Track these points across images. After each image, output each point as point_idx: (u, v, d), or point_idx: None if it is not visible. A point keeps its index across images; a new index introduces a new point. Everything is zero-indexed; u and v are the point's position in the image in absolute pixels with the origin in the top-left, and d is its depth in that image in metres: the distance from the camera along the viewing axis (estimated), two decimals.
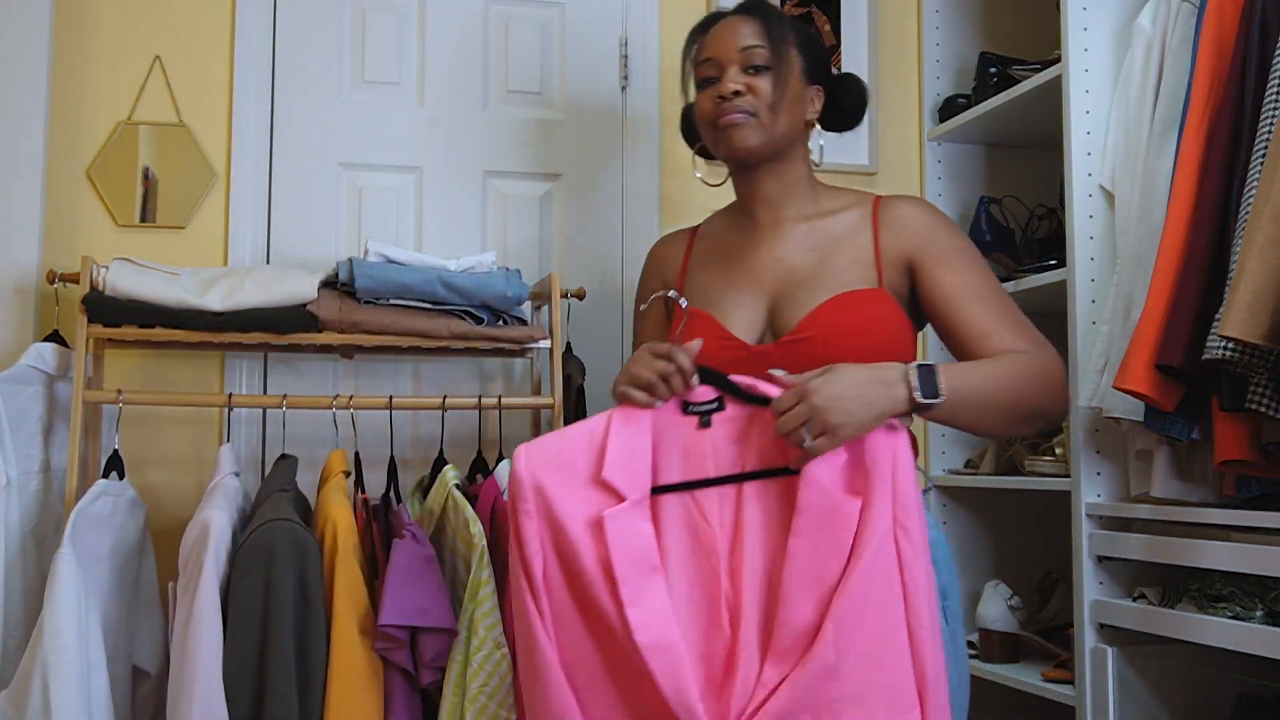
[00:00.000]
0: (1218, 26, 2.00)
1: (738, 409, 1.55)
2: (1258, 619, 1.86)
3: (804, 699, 1.41)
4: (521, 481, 1.53)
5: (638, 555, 1.47)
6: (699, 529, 1.52)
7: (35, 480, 2.22)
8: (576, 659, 1.49)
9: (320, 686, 2.01)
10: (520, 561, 1.53)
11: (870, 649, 1.43)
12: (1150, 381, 1.91)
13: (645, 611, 1.45)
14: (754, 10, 1.80)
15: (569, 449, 1.54)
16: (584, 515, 1.49)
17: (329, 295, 2.31)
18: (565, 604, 1.50)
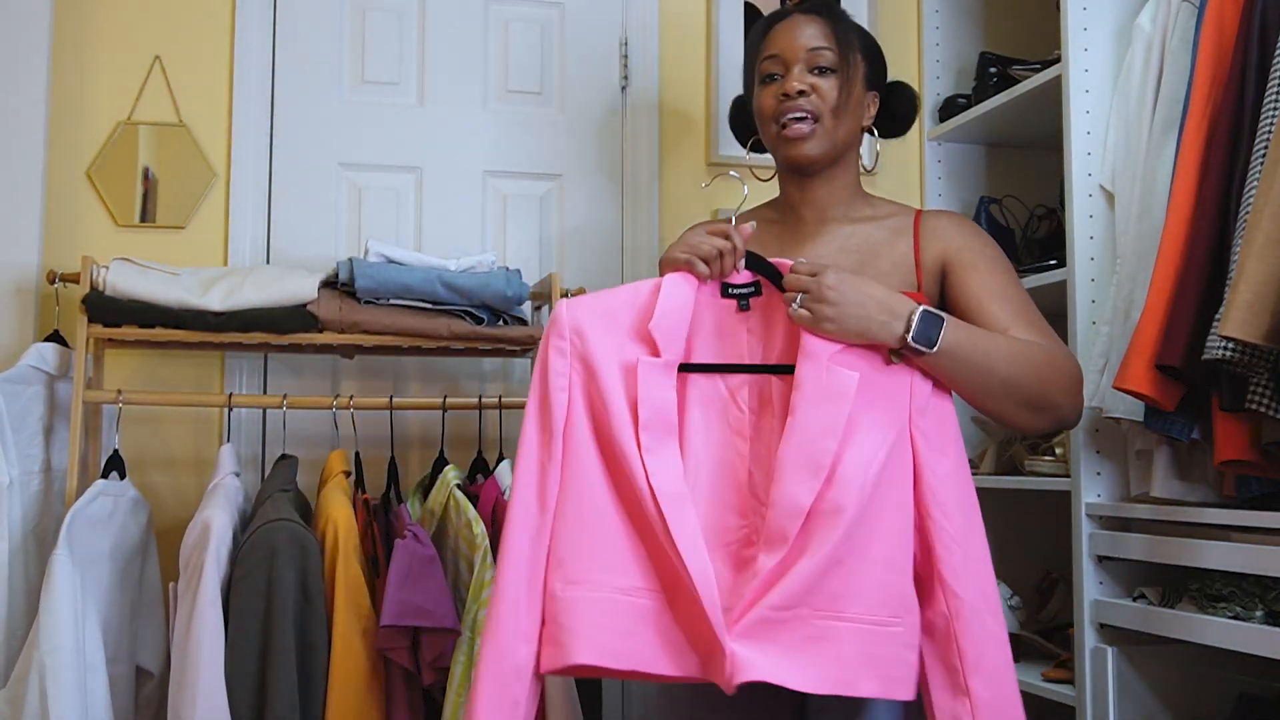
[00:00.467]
0: (1218, 26, 2.00)
1: (775, 295, 1.56)
2: (1258, 619, 1.86)
3: (807, 590, 1.40)
4: (560, 320, 1.52)
5: (661, 411, 1.47)
6: (729, 412, 1.53)
7: (36, 480, 2.21)
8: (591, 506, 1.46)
9: (321, 686, 2.01)
10: (540, 398, 1.50)
11: (875, 548, 1.43)
12: (1150, 381, 1.91)
13: (661, 464, 1.44)
14: (823, 10, 1.79)
15: (614, 304, 1.54)
16: (619, 360, 1.49)
17: (329, 295, 2.31)
18: (587, 449, 1.48)
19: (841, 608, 1.41)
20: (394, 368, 2.68)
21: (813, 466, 1.42)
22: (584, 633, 1.42)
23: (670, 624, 1.43)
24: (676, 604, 1.43)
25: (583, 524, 1.46)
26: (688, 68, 2.89)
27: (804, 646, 1.41)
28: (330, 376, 2.64)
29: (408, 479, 2.49)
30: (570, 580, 1.44)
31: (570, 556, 1.45)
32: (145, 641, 2.19)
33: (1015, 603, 2.51)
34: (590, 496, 1.46)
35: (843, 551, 1.41)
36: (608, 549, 1.45)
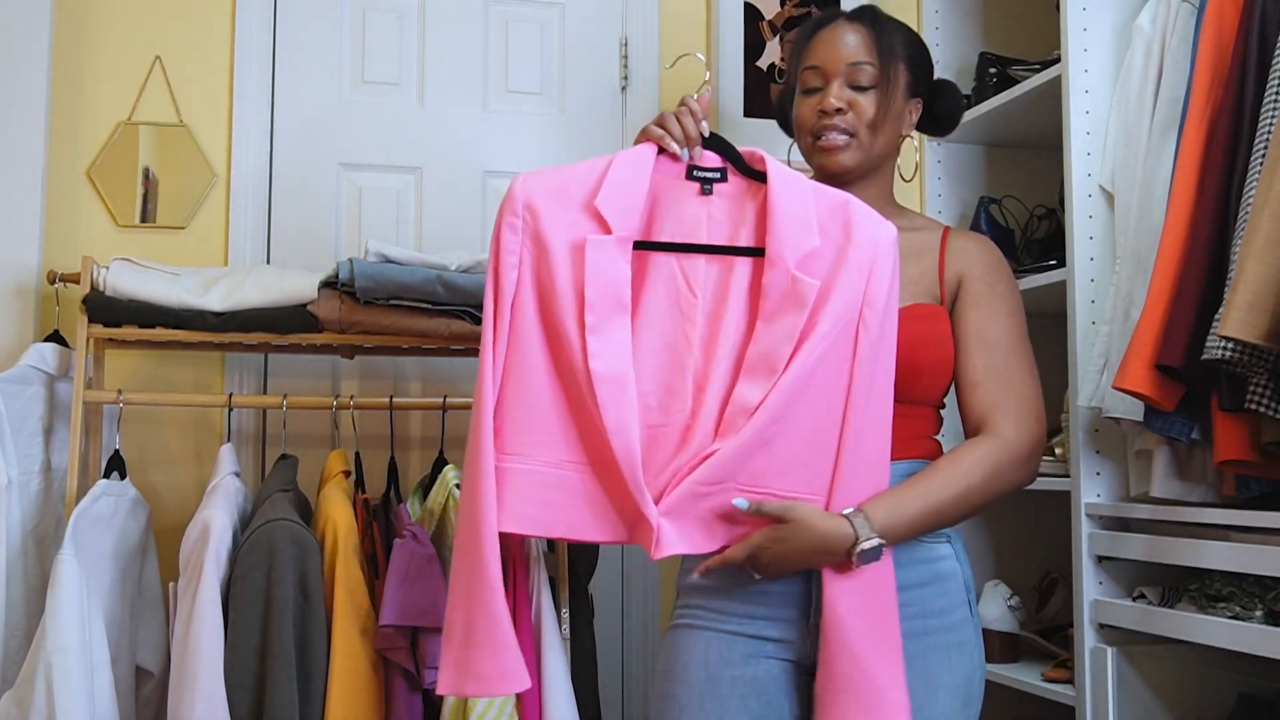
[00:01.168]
0: (1218, 26, 2.00)
1: (740, 184, 1.57)
2: (1258, 619, 1.86)
3: (734, 467, 1.48)
4: (514, 198, 1.54)
5: (610, 289, 1.49)
6: (681, 294, 1.55)
7: (36, 480, 2.22)
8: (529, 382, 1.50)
9: (321, 686, 2.01)
10: (493, 274, 1.53)
11: (805, 429, 1.50)
12: (1150, 381, 1.91)
13: (605, 343, 1.48)
14: (867, 20, 1.76)
15: (567, 179, 1.55)
16: (568, 238, 1.51)
17: (329, 295, 2.31)
18: (531, 325, 1.51)
19: (765, 483, 1.49)
20: (394, 368, 2.68)
21: (769, 369, 1.48)
22: (512, 505, 1.49)
23: (598, 494, 1.49)
24: (605, 478, 1.49)
25: (520, 398, 1.50)
26: (688, 68, 2.88)
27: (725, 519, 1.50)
28: (330, 376, 2.64)
29: (408, 479, 2.49)
30: (506, 451, 1.50)
31: (506, 429, 1.50)
32: (145, 641, 2.19)
33: (1015, 603, 2.51)
34: (529, 372, 1.50)
35: (771, 434, 1.48)
36: (541, 424, 1.50)
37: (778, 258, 1.51)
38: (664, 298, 1.54)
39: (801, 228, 1.53)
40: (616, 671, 2.75)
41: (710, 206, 1.57)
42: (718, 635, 1.66)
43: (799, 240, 1.52)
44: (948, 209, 2.87)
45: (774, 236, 1.52)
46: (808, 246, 1.52)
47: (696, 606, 1.69)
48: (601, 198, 1.51)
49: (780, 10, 2.96)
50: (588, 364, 1.46)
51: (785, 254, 1.51)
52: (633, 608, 2.78)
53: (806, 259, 1.51)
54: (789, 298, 1.50)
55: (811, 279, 1.50)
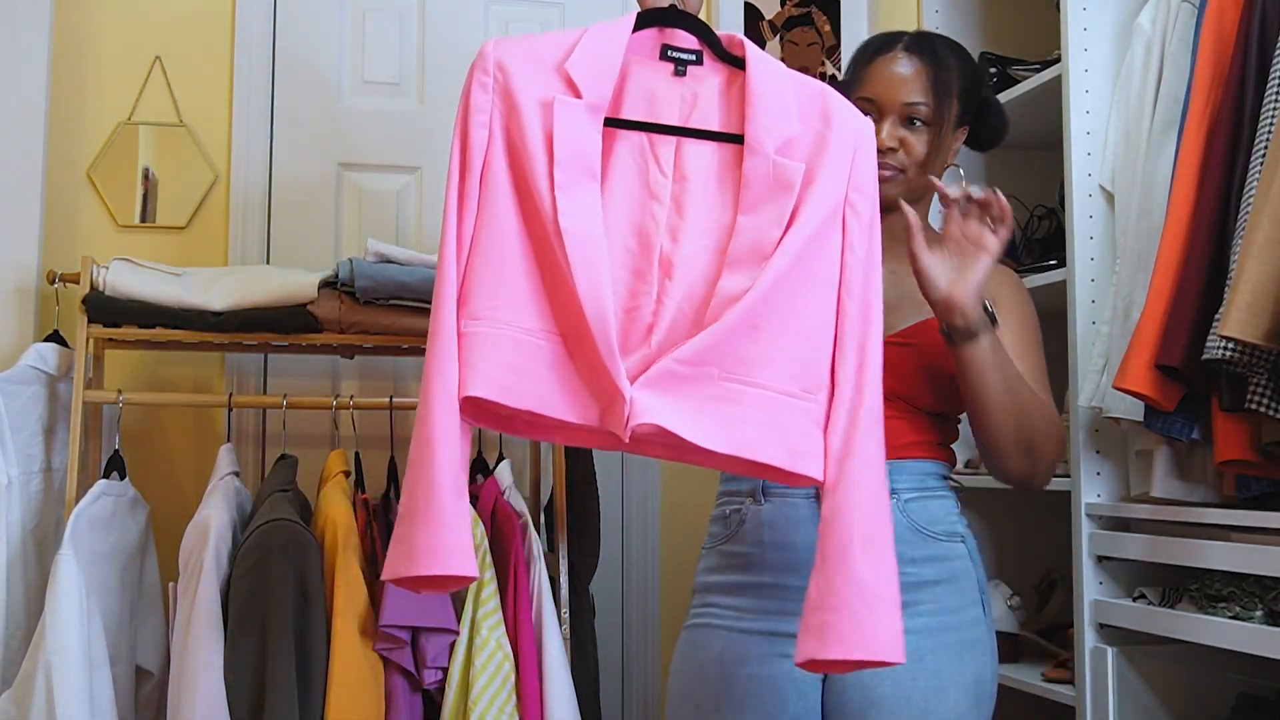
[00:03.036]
0: (1218, 26, 2.00)
1: (716, 68, 1.52)
2: (1258, 619, 1.86)
3: (718, 350, 1.39)
4: (485, 55, 1.49)
5: (579, 154, 1.43)
6: (650, 174, 1.48)
7: (36, 480, 2.22)
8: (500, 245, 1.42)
9: (320, 686, 2.01)
10: (460, 134, 1.47)
11: (795, 319, 1.42)
12: (1150, 381, 1.91)
13: (575, 203, 1.40)
14: (924, 54, 1.75)
15: (540, 43, 1.50)
16: (538, 97, 1.45)
17: (329, 295, 2.31)
18: (502, 186, 1.43)
19: (752, 373, 1.39)
20: (394, 368, 2.68)
21: (758, 258, 1.41)
22: (480, 367, 1.37)
23: (570, 368, 1.39)
24: (578, 350, 1.40)
25: (489, 262, 1.42)
26: None
27: (709, 405, 1.38)
28: (330, 376, 2.64)
29: None
30: (473, 316, 1.40)
31: (475, 294, 1.41)
32: (145, 641, 2.19)
33: (1015, 603, 2.51)
34: (500, 234, 1.42)
35: (759, 318, 1.40)
36: (512, 288, 1.41)
37: (758, 144, 1.45)
38: (632, 177, 1.47)
39: (781, 114, 1.47)
40: (616, 671, 2.75)
41: (683, 88, 1.51)
42: (734, 633, 1.65)
43: (779, 126, 1.46)
44: None
45: (753, 122, 1.46)
46: (788, 132, 1.46)
47: (712, 605, 1.69)
48: (572, 62, 1.45)
49: (780, 10, 2.96)
50: (558, 221, 1.38)
51: (765, 140, 1.45)
52: (633, 608, 2.77)
53: (786, 145, 1.46)
54: (772, 184, 1.44)
55: (794, 162, 1.45)
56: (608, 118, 1.46)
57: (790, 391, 1.41)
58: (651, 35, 1.51)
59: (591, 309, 1.36)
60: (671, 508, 2.86)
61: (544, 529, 2.44)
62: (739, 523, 1.68)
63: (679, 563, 2.81)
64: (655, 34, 1.52)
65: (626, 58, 1.49)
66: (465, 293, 1.41)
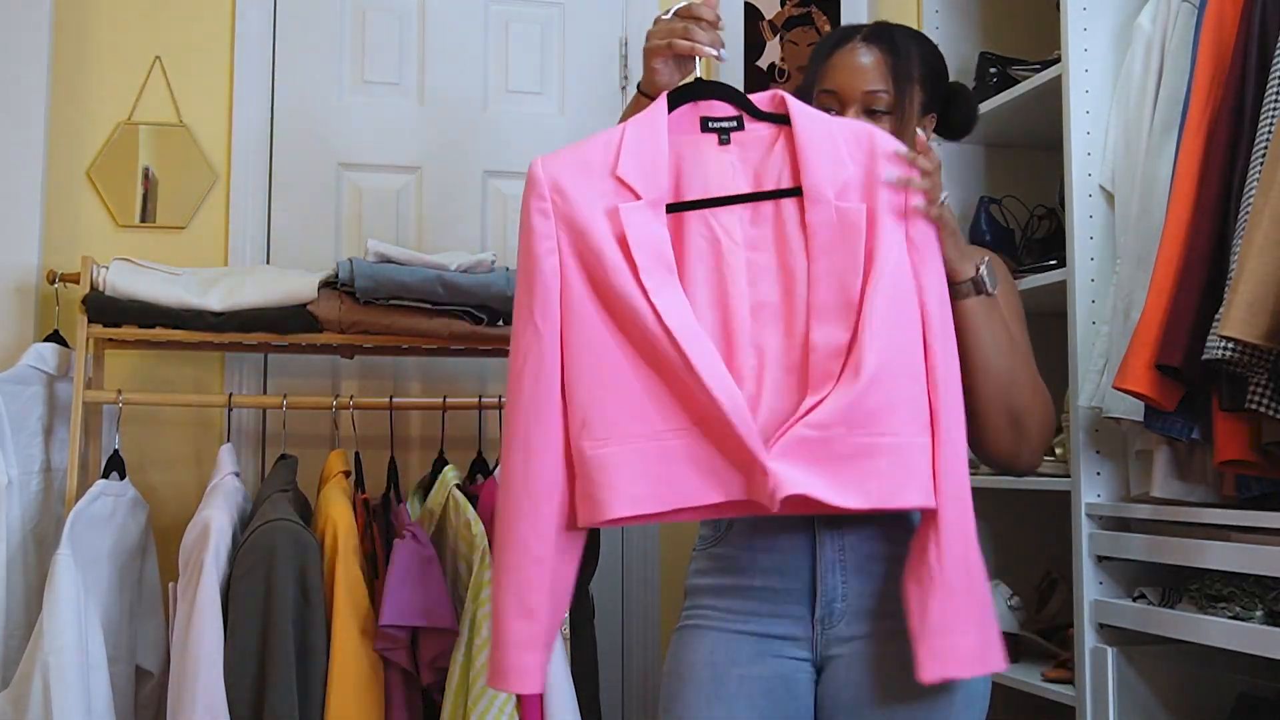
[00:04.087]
0: (1218, 26, 2.00)
1: (756, 128, 1.55)
2: (1258, 619, 1.86)
3: (844, 409, 1.42)
4: (538, 180, 1.50)
5: (656, 252, 1.45)
6: (720, 247, 1.50)
7: (36, 480, 2.22)
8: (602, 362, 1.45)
9: (320, 686, 2.01)
10: (529, 264, 1.48)
11: (902, 363, 1.46)
12: (1150, 381, 1.91)
13: (670, 302, 1.43)
14: (883, 42, 1.75)
15: (586, 153, 1.51)
16: (601, 207, 1.47)
17: (329, 295, 2.31)
18: (586, 306, 1.46)
19: (877, 425, 1.43)
20: (394, 368, 2.68)
21: (845, 306, 1.45)
22: (617, 486, 1.41)
23: (705, 456, 1.43)
24: (708, 436, 1.43)
25: (599, 381, 1.44)
26: None
27: (845, 464, 1.42)
28: (330, 376, 2.64)
29: (408, 479, 2.49)
30: (597, 438, 1.43)
31: (593, 416, 1.44)
32: (145, 641, 2.19)
33: (1015, 603, 2.51)
34: (601, 352, 1.45)
35: (874, 369, 1.43)
36: (629, 400, 1.44)
37: (817, 192, 1.48)
38: (705, 256, 1.50)
39: (833, 160, 1.50)
40: (616, 671, 2.75)
41: (731, 155, 1.54)
42: (725, 634, 1.66)
43: (833, 172, 1.49)
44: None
45: (808, 172, 1.49)
46: (843, 177, 1.49)
47: (704, 606, 1.69)
48: (622, 166, 1.48)
49: (780, 10, 2.96)
50: (663, 323, 1.41)
51: (823, 187, 1.48)
52: (633, 608, 2.77)
53: (844, 189, 1.49)
54: (839, 230, 1.47)
55: (855, 204, 1.48)
56: (670, 204, 1.49)
57: (914, 433, 1.46)
58: (687, 111, 1.54)
59: (724, 396, 1.40)
60: None
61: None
62: (728, 525, 1.69)
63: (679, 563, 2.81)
64: (690, 109, 1.54)
65: (670, 139, 1.51)
66: (579, 419, 1.44)
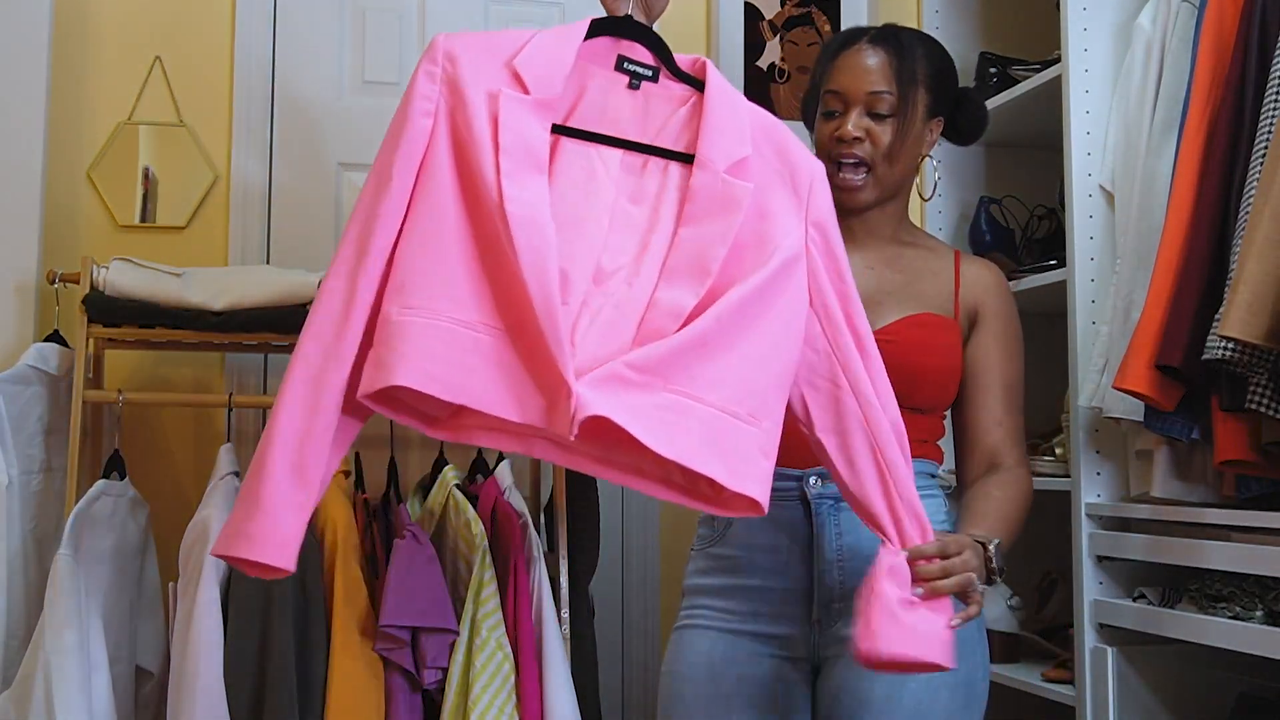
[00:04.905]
0: (1218, 26, 2.00)
1: (672, 86, 1.50)
2: (1258, 619, 1.86)
3: (668, 362, 1.35)
4: (435, 46, 1.46)
5: (525, 146, 1.39)
6: (594, 184, 1.45)
7: (36, 480, 2.22)
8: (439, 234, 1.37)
9: (320, 686, 2.01)
10: (402, 119, 1.42)
11: (747, 345, 1.40)
12: (1150, 381, 1.91)
13: (521, 191, 1.36)
14: (889, 44, 1.76)
15: (493, 40, 1.48)
16: (486, 89, 1.41)
17: None
18: (443, 175, 1.39)
19: (698, 390, 1.36)
20: None
21: (699, 273, 1.39)
22: (412, 356, 1.29)
23: (513, 363, 1.33)
24: (521, 343, 1.34)
25: (428, 250, 1.36)
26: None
27: (654, 411, 1.34)
28: None
29: (408, 479, 2.49)
30: (407, 305, 1.33)
31: (411, 282, 1.34)
32: (145, 641, 2.19)
33: (1015, 603, 2.51)
34: (440, 223, 1.37)
35: (710, 334, 1.37)
36: (452, 279, 1.35)
37: (708, 160, 1.43)
38: (576, 184, 1.44)
39: (735, 136, 1.46)
40: (616, 671, 2.75)
41: (636, 102, 1.49)
42: (722, 634, 1.66)
43: (731, 147, 1.45)
44: (948, 209, 2.87)
45: (705, 140, 1.45)
46: (740, 154, 1.45)
47: (701, 606, 1.69)
48: (521, 59, 1.44)
49: (780, 10, 2.96)
50: (504, 207, 1.34)
51: (716, 158, 1.44)
52: (633, 608, 2.78)
53: (738, 165, 1.45)
54: (719, 200, 1.42)
55: (744, 182, 1.43)
56: (558, 125, 1.44)
57: (735, 413, 1.37)
58: (606, 44, 1.49)
59: (538, 294, 1.31)
60: (671, 508, 2.86)
61: (544, 529, 2.44)
62: (726, 525, 1.69)
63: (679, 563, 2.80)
64: (610, 44, 1.49)
65: (580, 64, 1.47)
66: (397, 281, 1.35)
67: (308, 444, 1.31)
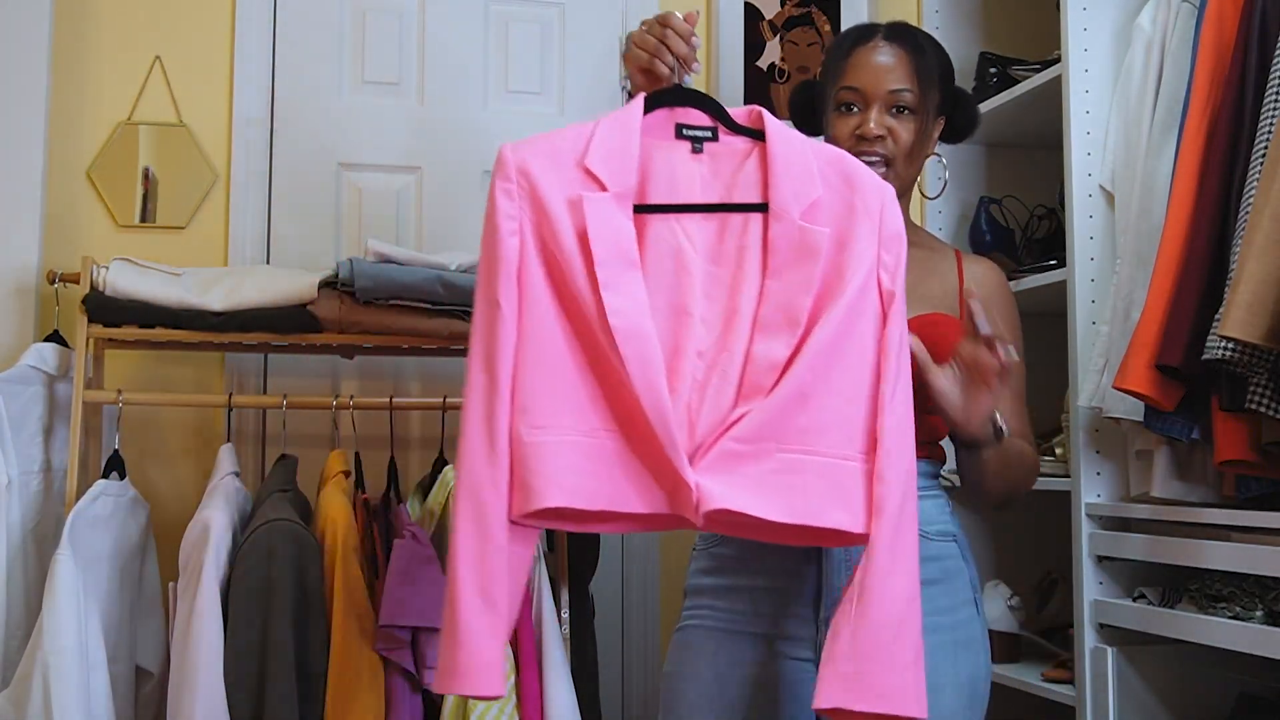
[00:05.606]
0: (1218, 26, 2.00)
1: (732, 141, 1.53)
2: (1258, 619, 1.86)
3: (774, 424, 1.41)
4: (505, 162, 1.48)
5: (616, 246, 1.43)
6: (681, 255, 1.48)
7: (36, 480, 2.22)
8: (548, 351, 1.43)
9: (321, 687, 2.01)
10: (490, 244, 1.45)
11: (841, 384, 1.44)
12: (1150, 381, 1.91)
13: (622, 299, 1.41)
14: (906, 42, 1.75)
15: (556, 142, 1.50)
16: (565, 195, 1.45)
17: (329, 295, 2.31)
18: (541, 292, 1.44)
19: (808, 442, 1.41)
20: (394, 368, 2.68)
21: (790, 323, 1.43)
22: (551, 476, 1.39)
23: (633, 461, 1.41)
24: (638, 442, 1.41)
25: (541, 368, 1.43)
26: None
27: (770, 479, 1.40)
28: (330, 376, 2.64)
29: (408, 479, 2.49)
30: (534, 425, 1.41)
31: (532, 402, 1.42)
32: (145, 641, 2.19)
33: (1015, 603, 2.51)
34: (548, 339, 1.43)
35: (808, 387, 1.42)
36: (568, 391, 1.42)
37: (783, 210, 1.47)
38: (665, 260, 1.48)
39: (804, 179, 1.49)
40: (616, 671, 2.75)
41: (702, 165, 1.52)
42: (728, 635, 1.65)
43: (802, 191, 1.48)
44: (948, 209, 2.87)
45: (776, 189, 1.48)
46: (812, 196, 1.48)
47: (705, 607, 1.69)
48: (591, 157, 1.47)
49: (780, 10, 2.96)
50: (606, 321, 1.39)
51: (790, 205, 1.47)
52: (633, 608, 2.78)
53: (811, 208, 1.47)
54: (799, 249, 1.45)
55: (819, 227, 1.46)
56: (637, 205, 1.47)
57: (846, 455, 1.43)
58: (663, 116, 1.53)
59: (650, 404, 1.38)
60: None
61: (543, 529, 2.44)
62: None
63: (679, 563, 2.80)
64: (667, 114, 1.53)
65: (643, 141, 1.50)
66: (521, 401, 1.42)
67: (485, 569, 1.39)
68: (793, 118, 1.89)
